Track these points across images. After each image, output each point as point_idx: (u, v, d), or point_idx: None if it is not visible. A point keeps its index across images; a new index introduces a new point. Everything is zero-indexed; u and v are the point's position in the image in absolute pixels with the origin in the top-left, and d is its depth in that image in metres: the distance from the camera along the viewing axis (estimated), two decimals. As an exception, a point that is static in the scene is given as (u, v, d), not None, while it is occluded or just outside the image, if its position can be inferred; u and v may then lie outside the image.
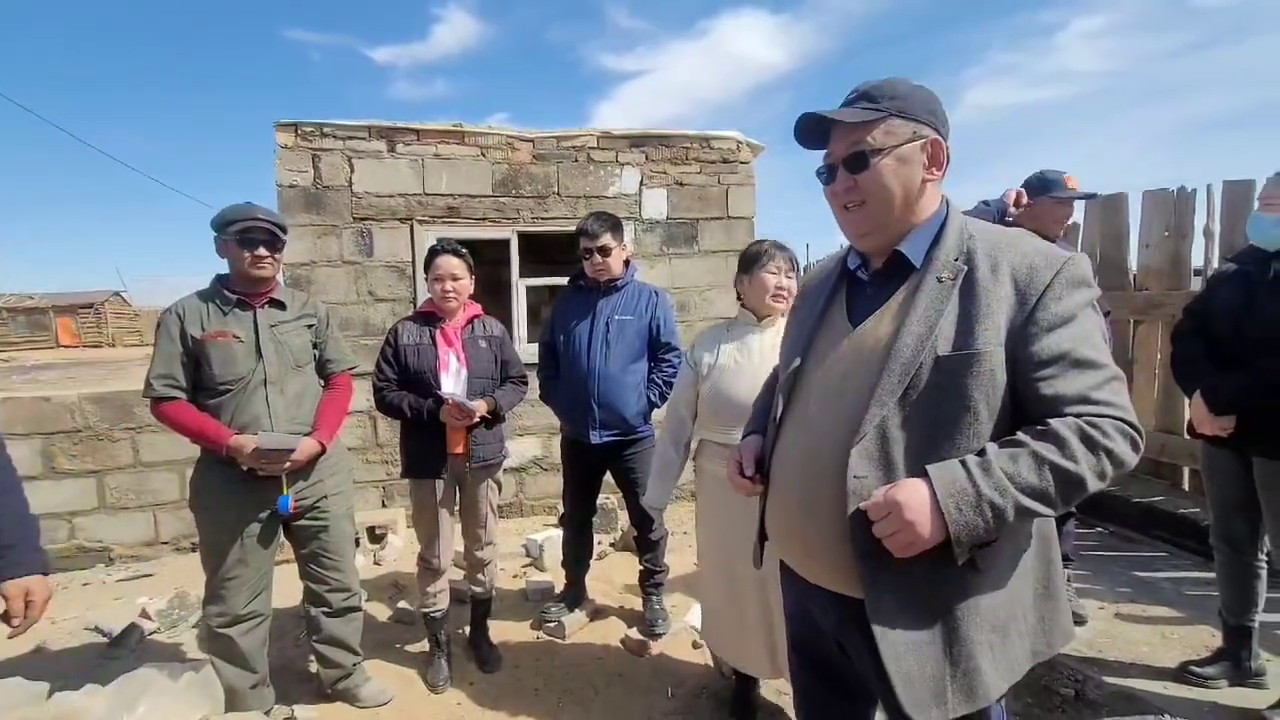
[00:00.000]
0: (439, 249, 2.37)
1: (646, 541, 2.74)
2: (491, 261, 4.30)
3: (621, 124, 8.22)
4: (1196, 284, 3.59)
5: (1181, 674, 2.24)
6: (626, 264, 2.72)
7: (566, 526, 2.91)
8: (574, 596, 2.89)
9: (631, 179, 4.39)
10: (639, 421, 2.64)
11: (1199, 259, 3.56)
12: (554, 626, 2.75)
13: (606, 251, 2.59)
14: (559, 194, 4.29)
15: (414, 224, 4.08)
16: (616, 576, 3.29)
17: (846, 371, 1.05)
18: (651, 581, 2.77)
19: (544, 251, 5.09)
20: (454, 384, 2.32)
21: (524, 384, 2.55)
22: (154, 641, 2.79)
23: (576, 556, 2.89)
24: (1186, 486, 3.62)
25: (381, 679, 2.37)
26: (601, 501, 3.27)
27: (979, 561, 0.93)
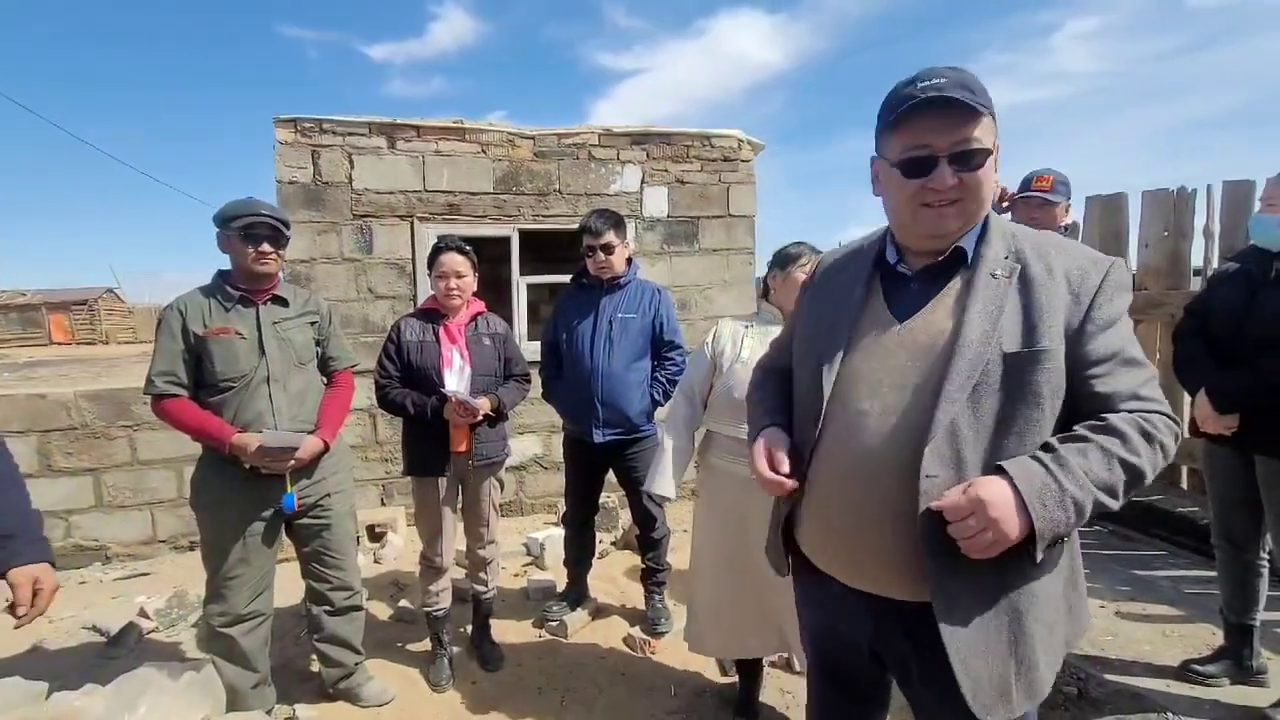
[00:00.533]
0: (443, 246, 2.36)
1: (649, 540, 2.74)
2: (491, 259, 4.28)
3: (619, 122, 8.23)
4: (1196, 284, 3.60)
5: (1183, 672, 2.24)
6: (629, 262, 2.71)
7: (568, 525, 2.90)
8: (576, 595, 2.89)
9: (633, 177, 4.38)
10: (642, 420, 2.64)
11: (1198, 259, 3.58)
12: (556, 625, 2.75)
13: (610, 249, 2.58)
14: (560, 191, 4.28)
15: (414, 221, 4.06)
16: (618, 575, 3.29)
17: (901, 367, 1.01)
18: (654, 580, 2.77)
19: (543, 249, 5.07)
20: (457, 381, 2.31)
21: (527, 382, 2.54)
22: (152, 641, 2.77)
23: (578, 555, 2.88)
24: (1185, 485, 3.64)
25: (383, 678, 2.36)
26: (602, 500, 3.27)
27: (1045, 556, 0.94)
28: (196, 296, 2.02)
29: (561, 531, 3.09)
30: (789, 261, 1.98)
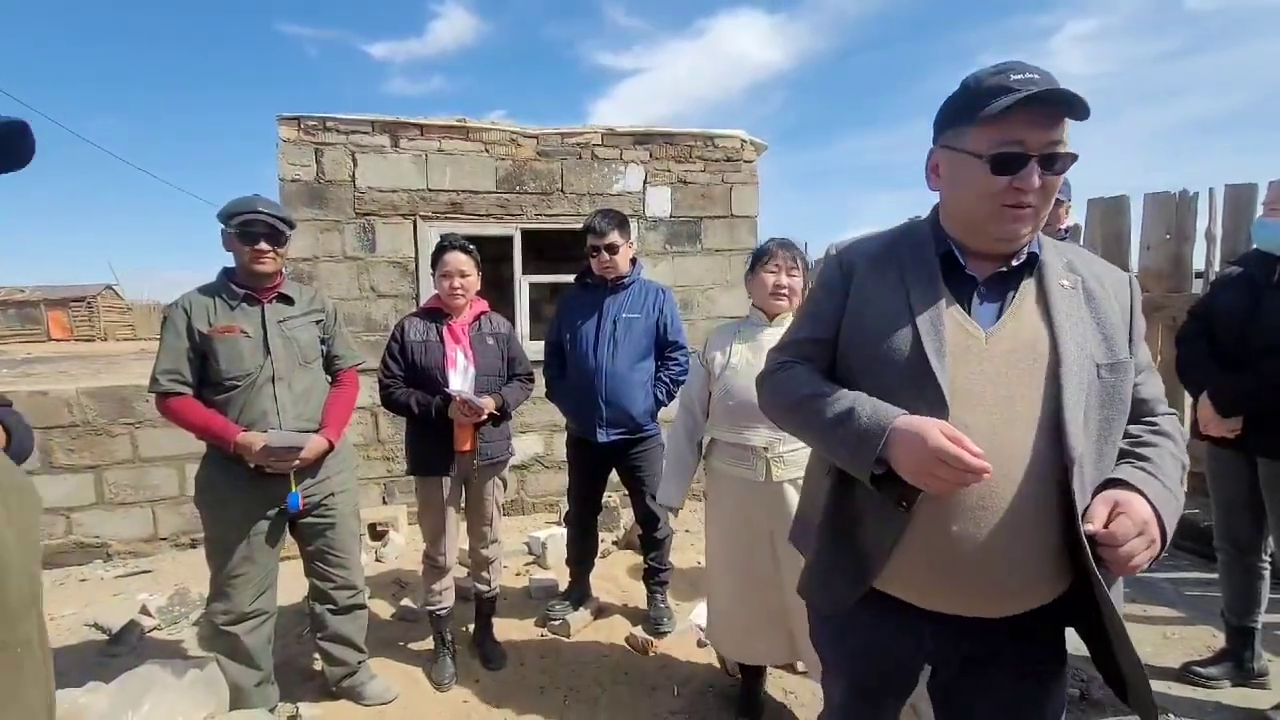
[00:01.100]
0: (447, 244, 2.35)
1: (651, 540, 2.74)
2: (494, 258, 4.28)
3: (619, 122, 8.20)
4: (1197, 287, 3.61)
5: (1184, 674, 2.25)
6: (633, 262, 2.71)
7: (571, 525, 2.90)
8: (578, 594, 2.89)
9: (635, 177, 4.38)
10: (646, 420, 2.64)
11: (1200, 262, 3.59)
12: (558, 624, 2.75)
13: (614, 249, 2.58)
14: (563, 191, 4.27)
15: (417, 220, 4.06)
16: (620, 574, 3.29)
17: (999, 377, 0.96)
18: (656, 580, 2.77)
19: (546, 249, 5.07)
20: (462, 381, 2.31)
21: (530, 381, 2.54)
22: (153, 639, 2.77)
23: (581, 555, 2.88)
24: (1186, 488, 3.64)
25: (386, 677, 2.36)
26: (604, 499, 3.27)
27: None
28: (201, 295, 2.02)
29: (563, 531, 3.09)
30: (755, 262, 2.06)
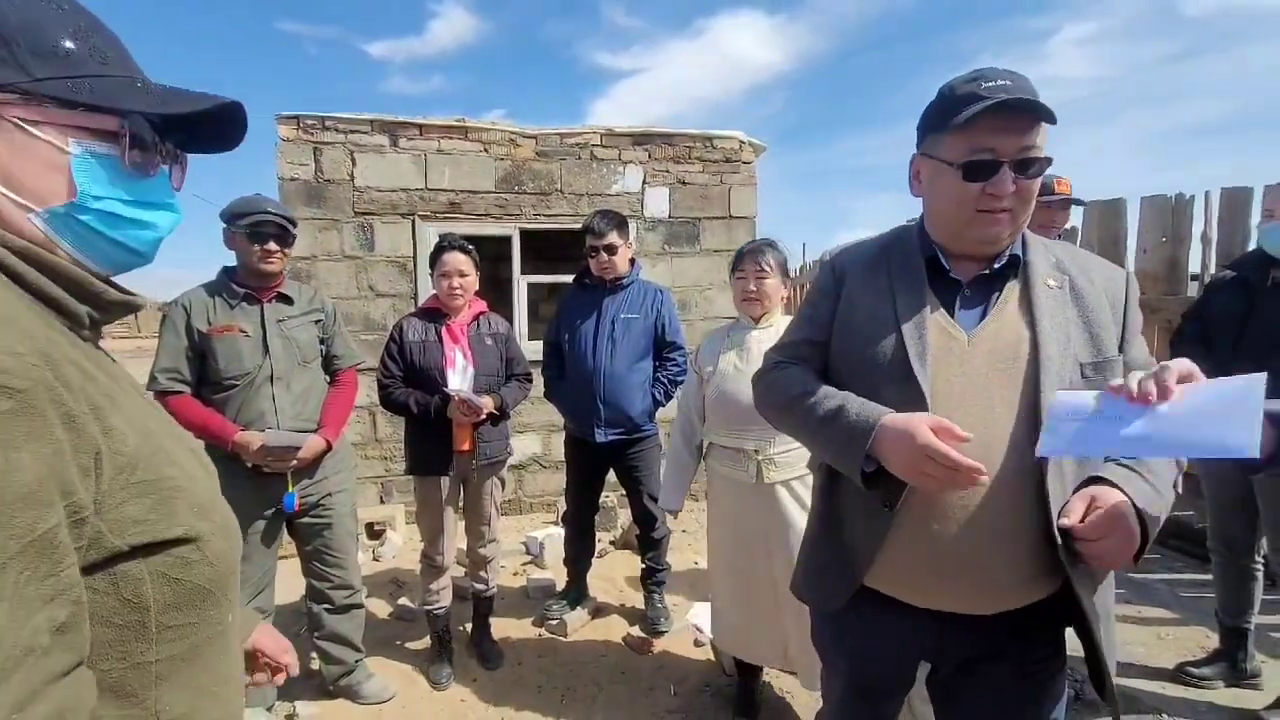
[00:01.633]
0: (446, 244, 2.36)
1: (649, 540, 2.75)
2: (492, 258, 4.28)
3: (618, 122, 8.22)
4: (1193, 289, 3.63)
5: (1178, 674, 2.27)
6: (632, 262, 2.72)
7: (569, 525, 2.91)
8: (576, 594, 2.89)
9: (634, 177, 4.38)
10: (644, 420, 2.65)
11: (1195, 265, 3.60)
12: (556, 624, 2.75)
13: (613, 250, 2.59)
14: (561, 191, 4.28)
15: (416, 219, 4.06)
16: (617, 574, 3.30)
17: (979, 378, 0.98)
18: (654, 580, 2.78)
19: (544, 249, 5.07)
20: (461, 381, 2.31)
21: (529, 381, 2.55)
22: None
23: (578, 555, 2.89)
24: (1179, 489, 3.66)
25: (383, 676, 2.37)
26: (601, 499, 3.28)
27: None
28: (201, 293, 2.02)
29: (561, 530, 3.10)
30: (730, 270, 2.14)
